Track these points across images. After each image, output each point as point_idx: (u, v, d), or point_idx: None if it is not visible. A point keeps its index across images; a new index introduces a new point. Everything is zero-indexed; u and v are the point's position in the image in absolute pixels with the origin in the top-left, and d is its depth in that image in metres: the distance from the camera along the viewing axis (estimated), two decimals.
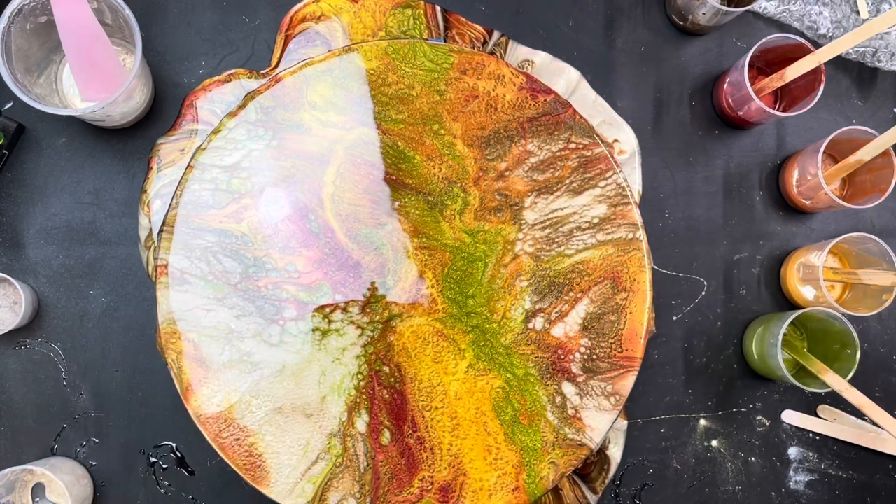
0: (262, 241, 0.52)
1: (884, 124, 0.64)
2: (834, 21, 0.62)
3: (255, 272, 0.52)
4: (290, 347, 0.51)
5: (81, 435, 0.57)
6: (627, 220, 0.54)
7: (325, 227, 0.53)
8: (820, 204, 0.59)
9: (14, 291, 0.56)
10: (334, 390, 0.51)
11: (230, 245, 0.52)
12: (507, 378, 0.52)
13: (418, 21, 0.57)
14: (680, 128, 0.62)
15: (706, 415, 0.61)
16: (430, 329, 0.52)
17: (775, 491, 0.61)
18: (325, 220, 0.53)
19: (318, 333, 0.52)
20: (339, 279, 0.52)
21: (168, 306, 0.51)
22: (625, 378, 0.53)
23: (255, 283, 0.52)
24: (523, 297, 0.53)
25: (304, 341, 0.51)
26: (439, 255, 0.53)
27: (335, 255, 0.52)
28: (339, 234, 0.53)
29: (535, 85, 0.54)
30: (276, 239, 0.52)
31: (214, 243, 0.52)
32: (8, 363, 0.57)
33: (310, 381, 0.51)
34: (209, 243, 0.52)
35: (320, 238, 0.52)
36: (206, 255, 0.51)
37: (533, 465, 0.51)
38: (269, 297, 0.52)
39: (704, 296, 0.62)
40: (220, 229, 0.52)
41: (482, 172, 0.54)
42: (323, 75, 0.53)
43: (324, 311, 0.52)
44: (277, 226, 0.52)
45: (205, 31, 0.59)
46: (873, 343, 0.62)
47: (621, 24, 0.62)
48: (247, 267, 0.52)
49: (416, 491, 0.51)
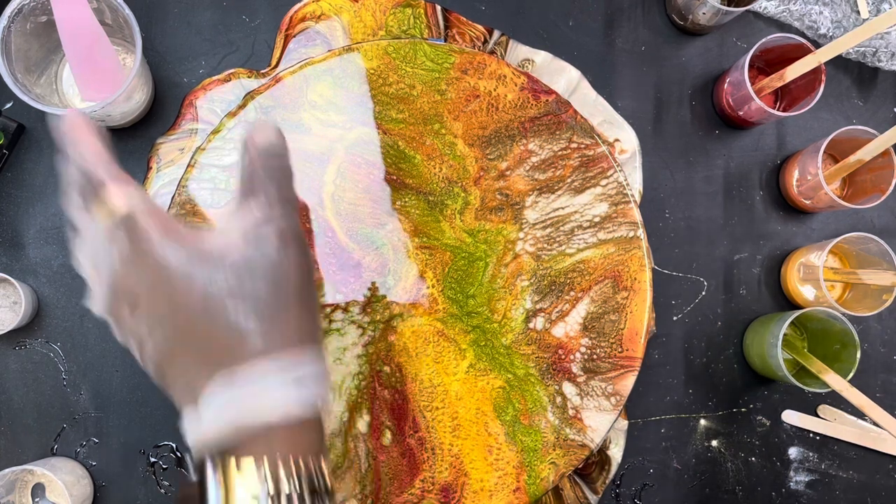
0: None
1: (884, 124, 0.64)
2: (834, 21, 0.62)
3: None
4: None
5: (81, 435, 0.57)
6: (628, 219, 0.54)
7: (326, 227, 0.52)
8: (820, 204, 0.59)
9: (14, 291, 0.56)
10: (335, 390, 0.51)
11: None
12: (508, 378, 0.52)
13: (419, 20, 0.57)
14: (680, 128, 0.62)
15: (706, 415, 0.61)
16: (431, 329, 0.52)
17: (775, 491, 0.61)
18: (326, 219, 0.53)
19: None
20: (340, 279, 0.52)
21: None
22: (625, 378, 0.53)
23: None
24: (524, 296, 0.53)
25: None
26: (440, 254, 0.53)
27: (336, 254, 0.52)
28: (340, 234, 0.53)
29: (537, 85, 0.54)
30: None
31: None
32: (8, 363, 0.57)
33: None
34: None
35: (320, 237, 0.52)
36: None
37: (534, 466, 0.51)
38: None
39: (704, 296, 0.62)
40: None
41: (483, 172, 0.54)
42: (323, 75, 0.53)
43: (324, 311, 0.52)
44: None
45: (205, 31, 0.59)
46: (873, 343, 0.62)
47: (621, 23, 0.62)
48: None
49: (418, 492, 0.51)
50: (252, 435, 0.30)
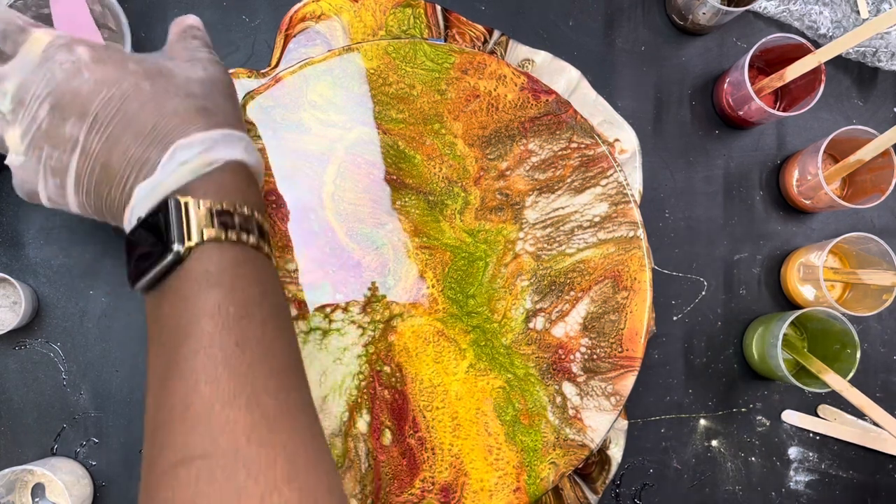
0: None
1: (884, 124, 0.64)
2: (834, 21, 0.62)
3: None
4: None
5: (81, 435, 0.57)
6: (628, 219, 0.54)
7: (326, 227, 0.52)
8: (820, 204, 0.59)
9: (14, 291, 0.56)
10: (335, 390, 0.51)
11: None
12: (508, 378, 0.52)
13: (418, 20, 0.57)
14: (680, 128, 0.62)
15: (706, 415, 0.61)
16: (431, 329, 0.52)
17: (775, 491, 0.61)
18: (326, 219, 0.53)
19: (319, 333, 0.51)
20: (340, 278, 0.52)
21: None
22: (625, 378, 0.53)
23: None
24: (524, 296, 0.53)
25: (304, 341, 0.51)
26: (440, 254, 0.53)
27: (336, 254, 0.52)
28: (340, 234, 0.53)
29: (537, 85, 0.54)
30: (275, 238, 0.52)
31: None
32: (8, 363, 0.57)
33: (311, 381, 0.51)
34: None
35: (320, 237, 0.52)
36: None
37: (534, 466, 0.51)
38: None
39: (704, 296, 0.62)
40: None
41: (483, 172, 0.54)
42: (323, 75, 0.53)
43: (324, 311, 0.52)
44: (277, 225, 0.52)
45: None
46: (873, 343, 0.62)
47: (621, 23, 0.62)
48: None
49: (418, 492, 0.51)
50: (207, 178, 0.36)
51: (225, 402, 0.32)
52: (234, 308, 0.34)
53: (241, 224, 0.36)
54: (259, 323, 0.35)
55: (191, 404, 0.32)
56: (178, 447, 0.31)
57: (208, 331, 0.33)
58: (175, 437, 0.32)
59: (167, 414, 0.33)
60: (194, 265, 0.35)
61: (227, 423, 0.31)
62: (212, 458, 0.31)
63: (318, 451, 0.34)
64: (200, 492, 0.30)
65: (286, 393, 0.34)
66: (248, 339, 0.34)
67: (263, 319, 0.35)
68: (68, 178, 0.38)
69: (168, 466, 0.31)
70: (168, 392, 0.33)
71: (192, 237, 0.34)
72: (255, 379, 0.33)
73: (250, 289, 0.35)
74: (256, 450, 0.31)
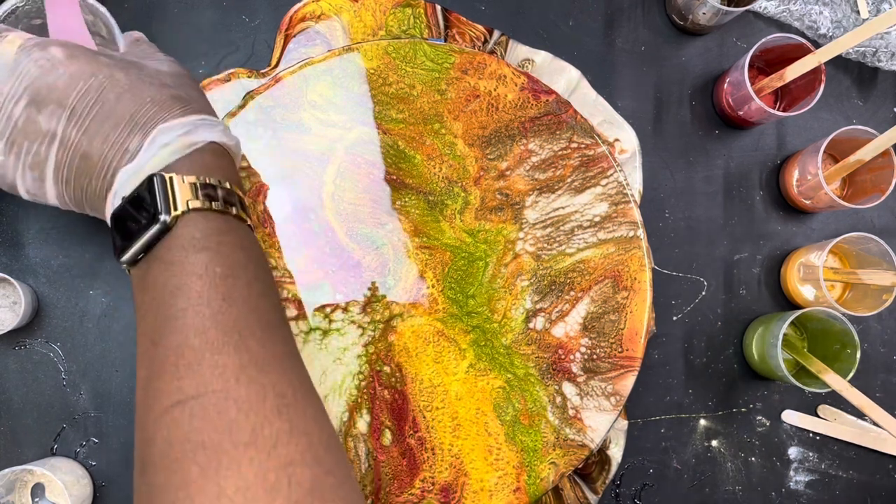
0: (261, 240, 0.52)
1: (884, 124, 0.64)
2: (834, 21, 0.62)
3: None
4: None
5: (81, 435, 0.57)
6: (628, 219, 0.54)
7: (326, 227, 0.52)
8: (820, 204, 0.59)
9: (14, 291, 0.56)
10: (335, 390, 0.51)
11: None
12: (508, 378, 0.52)
13: (418, 20, 0.57)
14: (680, 128, 0.62)
15: (706, 415, 0.61)
16: (431, 329, 0.52)
17: (775, 491, 0.61)
18: (326, 219, 0.53)
19: (319, 333, 0.51)
20: (340, 278, 0.52)
21: None
22: (625, 378, 0.53)
23: None
24: (524, 296, 0.53)
25: (304, 341, 0.51)
26: (440, 254, 0.53)
27: (336, 254, 0.52)
28: (340, 234, 0.53)
29: (537, 85, 0.54)
30: (275, 238, 0.52)
31: None
32: (8, 363, 0.57)
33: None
34: None
35: (320, 237, 0.52)
36: None
37: (534, 466, 0.51)
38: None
39: (704, 296, 0.62)
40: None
41: (483, 172, 0.54)
42: (323, 75, 0.53)
43: (324, 311, 0.52)
44: (277, 225, 0.52)
45: (205, 31, 0.59)
46: (873, 343, 0.62)
47: (621, 23, 0.62)
48: None
49: (418, 492, 0.51)
50: (189, 158, 0.38)
51: (215, 349, 0.34)
52: (220, 269, 0.36)
53: (224, 197, 0.38)
54: (245, 283, 0.36)
55: (182, 355, 0.34)
56: (172, 392, 0.33)
57: (196, 289, 0.35)
58: (169, 384, 0.33)
59: (159, 366, 0.34)
60: (181, 231, 0.36)
61: (217, 367, 0.33)
62: (204, 397, 0.32)
63: (305, 390, 0.36)
64: (195, 428, 0.32)
65: (272, 343, 0.36)
66: (234, 297, 0.35)
67: (249, 281, 0.37)
68: (47, 171, 0.39)
69: (162, 410, 0.33)
70: (160, 348, 0.34)
71: (178, 207, 0.36)
72: (243, 329, 0.35)
73: (235, 253, 0.37)
74: (246, 388, 0.33)
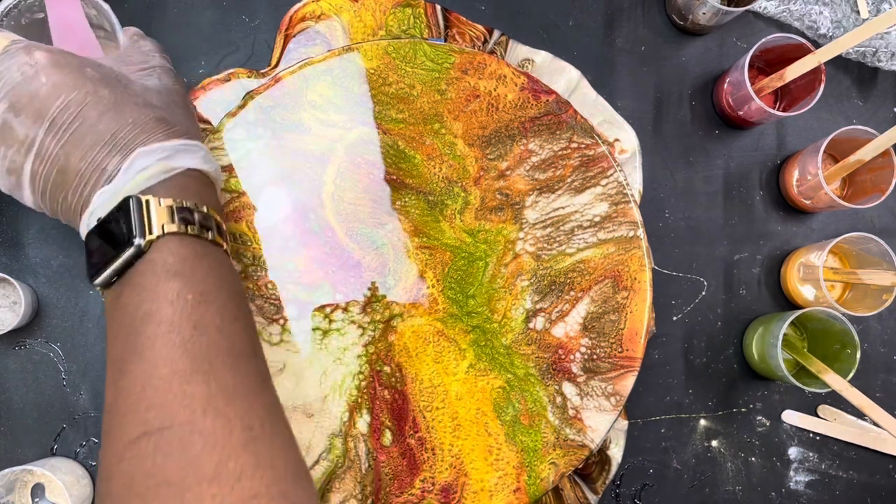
0: (261, 241, 0.52)
1: (884, 124, 0.64)
2: (834, 21, 0.62)
3: (255, 271, 0.52)
4: (291, 347, 0.51)
5: (81, 435, 0.57)
6: (628, 219, 0.54)
7: (326, 227, 0.52)
8: (820, 204, 0.59)
9: (14, 291, 0.56)
10: (335, 390, 0.51)
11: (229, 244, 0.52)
12: (508, 378, 0.52)
13: (418, 20, 0.57)
14: (680, 128, 0.62)
15: (706, 415, 0.61)
16: (431, 329, 0.52)
17: (775, 491, 0.61)
18: (326, 219, 0.53)
19: (319, 333, 0.51)
20: (340, 278, 0.52)
21: None
22: (625, 378, 0.53)
23: (255, 283, 0.51)
24: (524, 296, 0.53)
25: (304, 341, 0.51)
26: (440, 254, 0.53)
27: (335, 254, 0.52)
28: (340, 234, 0.53)
29: (537, 85, 0.54)
30: (275, 238, 0.52)
31: None
32: (8, 363, 0.57)
33: (311, 381, 0.51)
34: None
35: (320, 237, 0.52)
36: None
37: (534, 466, 0.51)
38: (269, 297, 0.51)
39: (704, 296, 0.62)
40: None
41: (483, 172, 0.54)
42: (323, 75, 0.53)
43: (324, 311, 0.52)
44: (277, 225, 0.52)
45: (204, 31, 0.59)
46: (873, 343, 0.62)
47: (621, 23, 0.62)
48: (246, 266, 0.52)
49: (418, 492, 0.51)
50: (167, 182, 0.38)
51: (183, 379, 0.33)
52: (192, 295, 0.35)
53: (200, 221, 0.38)
54: (216, 310, 0.36)
55: (149, 385, 0.33)
56: (137, 424, 0.33)
57: (167, 316, 0.34)
58: (135, 416, 0.33)
59: (126, 396, 0.34)
60: (154, 256, 0.36)
61: (185, 397, 0.33)
62: (170, 429, 0.32)
63: (274, 420, 0.36)
64: (158, 465, 0.32)
65: (243, 372, 0.35)
66: (205, 325, 0.35)
67: (221, 307, 0.36)
68: (24, 178, 0.38)
69: (128, 442, 0.33)
70: (128, 376, 0.34)
71: (153, 230, 0.35)
72: (213, 358, 0.34)
73: (208, 279, 0.37)
74: (213, 420, 0.33)
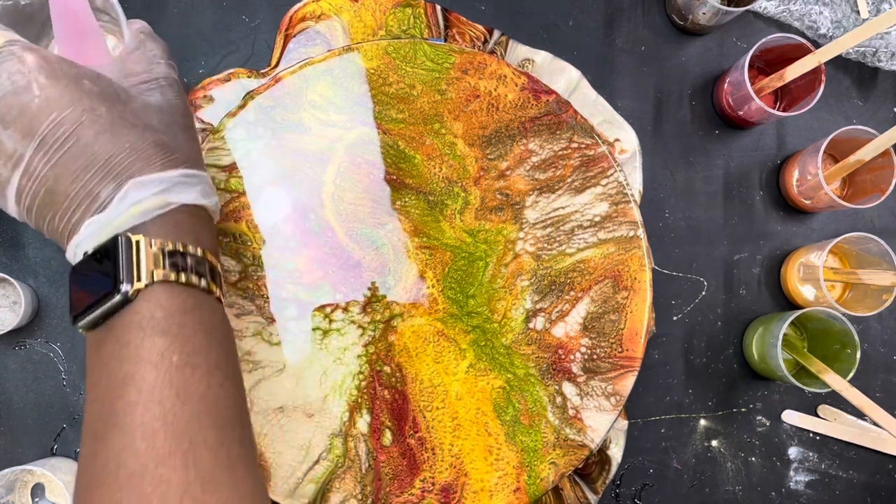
0: (261, 240, 0.52)
1: (884, 124, 0.64)
2: (834, 21, 0.62)
3: (255, 271, 0.52)
4: (291, 347, 0.51)
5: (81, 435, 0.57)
6: (628, 219, 0.54)
7: (326, 227, 0.52)
8: (820, 204, 0.59)
9: (14, 291, 0.56)
10: (335, 390, 0.51)
11: (229, 244, 0.52)
12: (508, 378, 0.52)
13: (419, 20, 0.57)
14: (680, 128, 0.62)
15: (706, 415, 0.61)
16: (431, 329, 0.52)
17: (775, 491, 0.61)
18: (325, 219, 0.53)
19: (319, 333, 0.51)
20: (340, 278, 0.52)
21: None
22: (625, 378, 0.53)
23: (255, 282, 0.51)
24: (524, 296, 0.53)
25: (304, 341, 0.51)
26: (440, 254, 0.53)
27: (335, 254, 0.52)
28: (340, 234, 0.53)
29: (537, 85, 0.54)
30: (275, 238, 0.52)
31: None
32: (8, 363, 0.57)
33: (311, 381, 0.51)
34: None
35: (320, 237, 0.52)
36: None
37: (534, 466, 0.51)
38: (269, 297, 0.51)
39: (704, 296, 0.62)
40: (219, 228, 0.52)
41: (483, 172, 0.54)
42: (323, 75, 0.53)
43: (324, 311, 0.52)
44: (277, 225, 0.52)
45: (204, 31, 0.59)
46: (873, 343, 0.62)
47: (621, 23, 0.62)
48: (246, 266, 0.52)
49: (418, 492, 0.51)
50: (160, 219, 0.36)
51: (159, 460, 0.31)
52: (177, 357, 0.33)
53: (192, 266, 0.35)
54: (203, 374, 0.34)
55: (124, 463, 0.31)
56: None
57: (149, 381, 0.32)
58: (108, 496, 0.31)
59: (100, 471, 0.32)
60: (141, 307, 0.33)
61: (160, 483, 0.31)
62: None
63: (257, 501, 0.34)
64: None
65: (227, 447, 0.34)
66: (190, 393, 0.33)
67: (208, 370, 0.34)
68: (9, 191, 0.36)
69: None
70: (103, 447, 0.32)
71: (141, 278, 0.33)
72: (195, 433, 0.32)
73: (197, 337, 0.34)
74: None
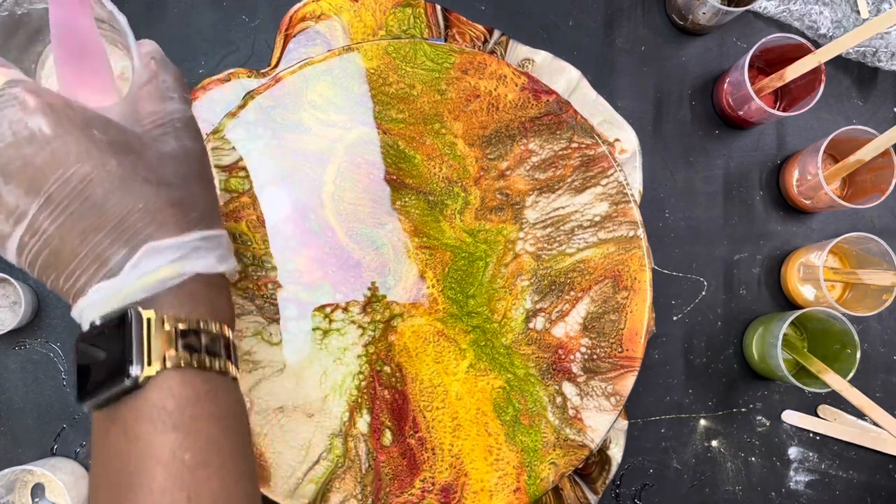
0: (261, 240, 0.52)
1: (884, 124, 0.64)
2: (834, 21, 0.62)
3: (255, 271, 0.52)
4: (291, 347, 0.51)
5: (81, 435, 0.57)
6: (628, 219, 0.54)
7: (326, 227, 0.52)
8: (820, 204, 0.59)
9: (14, 291, 0.56)
10: (335, 390, 0.51)
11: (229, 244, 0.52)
12: (508, 378, 0.52)
13: (419, 20, 0.57)
14: (680, 128, 0.62)
15: (706, 415, 0.61)
16: (431, 329, 0.52)
17: (775, 491, 0.61)
18: (326, 219, 0.53)
19: (319, 333, 0.51)
20: (340, 278, 0.52)
21: None
22: (625, 378, 0.53)
23: (255, 282, 0.51)
24: (524, 296, 0.53)
25: (304, 341, 0.51)
26: (440, 254, 0.53)
27: (336, 254, 0.52)
28: (340, 234, 0.53)
29: (537, 85, 0.54)
30: (275, 238, 0.52)
31: None
32: (8, 363, 0.57)
33: (311, 381, 0.51)
34: None
35: (320, 237, 0.52)
36: None
37: (534, 466, 0.51)
38: (269, 296, 0.51)
39: (704, 296, 0.62)
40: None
41: (483, 172, 0.54)
42: (323, 75, 0.53)
43: (324, 311, 0.52)
44: (277, 225, 0.52)
45: (204, 31, 0.59)
46: (873, 343, 0.62)
47: (621, 23, 0.62)
48: (246, 266, 0.52)
49: (418, 492, 0.51)
50: (175, 289, 0.33)
51: None
52: (189, 455, 0.31)
53: (207, 346, 0.33)
54: (215, 471, 0.32)
55: None
56: None
57: (159, 482, 0.30)
58: None
59: None
60: (151, 396, 0.31)
61: None
62: None
63: None
64: None
65: None
66: (202, 495, 0.31)
67: (221, 465, 0.33)
68: (9, 244, 0.33)
69: None
70: None
71: (152, 362, 0.31)
72: None
73: (210, 429, 0.33)
74: None
